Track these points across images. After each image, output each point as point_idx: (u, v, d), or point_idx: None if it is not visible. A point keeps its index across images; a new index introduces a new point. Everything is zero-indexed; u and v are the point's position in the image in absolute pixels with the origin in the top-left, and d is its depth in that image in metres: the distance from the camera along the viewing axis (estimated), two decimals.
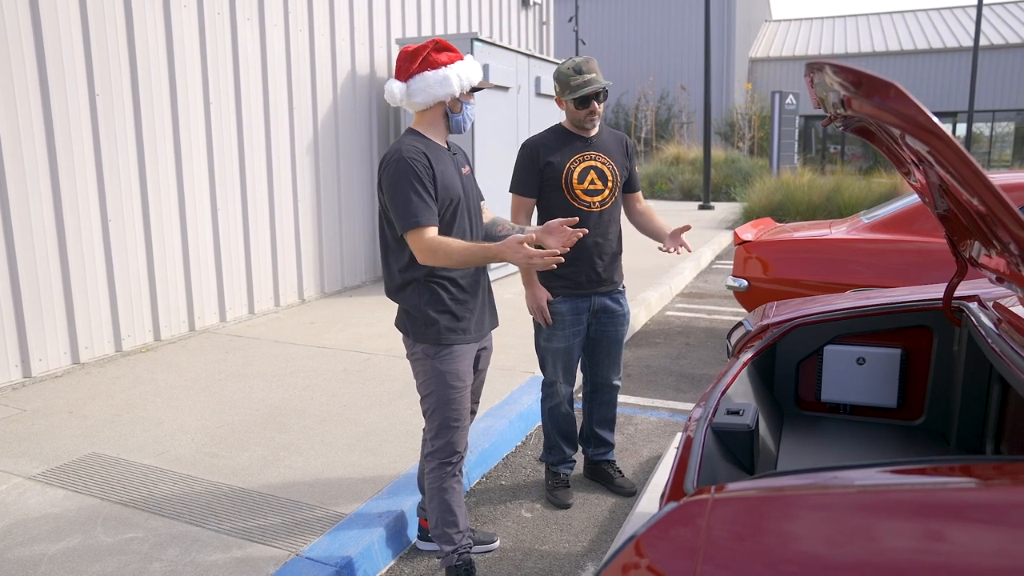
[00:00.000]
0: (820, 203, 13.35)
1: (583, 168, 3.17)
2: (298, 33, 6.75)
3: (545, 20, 11.55)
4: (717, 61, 29.34)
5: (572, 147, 3.19)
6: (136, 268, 5.46)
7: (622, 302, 3.37)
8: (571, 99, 3.08)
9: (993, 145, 29.55)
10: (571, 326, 3.27)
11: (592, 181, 3.18)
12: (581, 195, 3.17)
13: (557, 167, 3.16)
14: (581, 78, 3.05)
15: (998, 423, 2.38)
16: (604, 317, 3.33)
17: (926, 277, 4.75)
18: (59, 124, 4.86)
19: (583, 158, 3.18)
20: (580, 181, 3.16)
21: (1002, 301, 2.43)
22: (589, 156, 3.19)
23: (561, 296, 3.24)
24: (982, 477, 1.36)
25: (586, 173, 3.17)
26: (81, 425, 3.99)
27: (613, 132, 3.35)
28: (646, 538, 1.39)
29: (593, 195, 3.19)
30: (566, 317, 3.25)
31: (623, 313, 3.38)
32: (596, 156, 3.20)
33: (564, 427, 3.45)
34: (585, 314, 3.29)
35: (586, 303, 3.27)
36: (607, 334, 3.37)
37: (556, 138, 3.22)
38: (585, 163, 3.18)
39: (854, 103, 1.59)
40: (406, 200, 2.38)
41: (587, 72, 3.07)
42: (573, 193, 3.17)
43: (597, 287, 3.26)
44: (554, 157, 3.17)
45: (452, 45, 2.51)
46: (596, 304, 3.29)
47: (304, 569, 2.66)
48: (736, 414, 2.12)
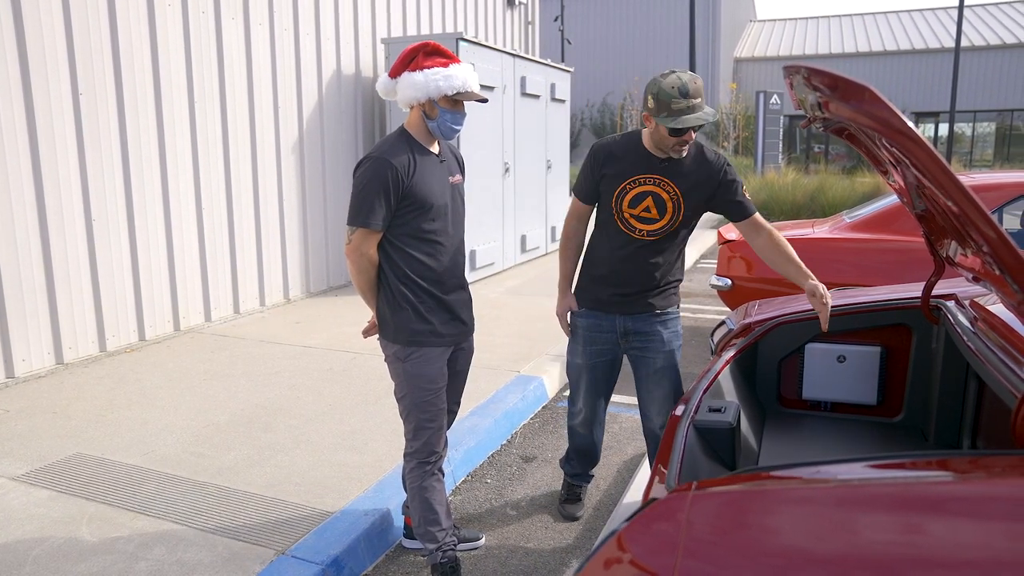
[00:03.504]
0: (804, 202, 13.44)
1: (639, 192, 2.74)
2: (283, 32, 6.74)
3: (531, 20, 11.56)
4: (702, 61, 29.46)
5: (639, 165, 2.75)
6: (120, 268, 5.43)
7: (659, 327, 2.90)
8: (666, 123, 2.55)
9: (975, 145, 29.82)
10: (591, 343, 2.98)
11: (647, 208, 2.75)
12: (631, 219, 2.77)
13: (612, 182, 2.78)
14: (686, 102, 2.53)
15: (974, 419, 2.42)
16: (636, 341, 2.93)
17: (906, 276, 4.80)
18: (42, 123, 4.83)
19: (645, 180, 2.74)
20: (632, 205, 2.76)
21: (979, 300, 2.48)
22: (653, 180, 2.74)
23: (584, 309, 2.99)
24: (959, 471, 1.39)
25: (642, 199, 2.74)
26: (65, 425, 3.97)
27: (706, 159, 2.77)
28: (627, 533, 1.41)
29: (645, 223, 2.77)
30: (586, 333, 2.99)
31: (661, 339, 2.90)
32: (662, 183, 2.73)
33: (581, 446, 3.25)
34: (610, 334, 2.94)
35: (609, 322, 2.92)
36: (642, 364, 2.95)
37: (627, 149, 2.79)
38: (645, 187, 2.74)
39: (831, 106, 1.62)
40: (368, 199, 2.43)
41: (694, 96, 2.54)
42: (622, 216, 2.78)
43: (624, 308, 2.89)
44: (614, 170, 2.78)
45: (447, 50, 2.50)
46: (622, 326, 2.92)
47: (290, 568, 2.66)
48: (718, 411, 2.15)
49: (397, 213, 2.49)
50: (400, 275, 2.54)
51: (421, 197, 2.49)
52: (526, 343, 5.52)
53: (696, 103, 2.55)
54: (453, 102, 2.49)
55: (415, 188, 2.47)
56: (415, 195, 2.47)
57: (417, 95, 2.47)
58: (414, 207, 2.49)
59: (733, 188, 2.78)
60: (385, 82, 2.57)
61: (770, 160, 19.70)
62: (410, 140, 2.52)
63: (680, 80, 2.53)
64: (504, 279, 8.12)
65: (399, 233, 2.51)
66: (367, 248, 2.50)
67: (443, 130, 2.52)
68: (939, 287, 2.84)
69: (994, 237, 1.46)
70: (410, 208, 2.49)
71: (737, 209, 2.80)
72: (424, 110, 2.51)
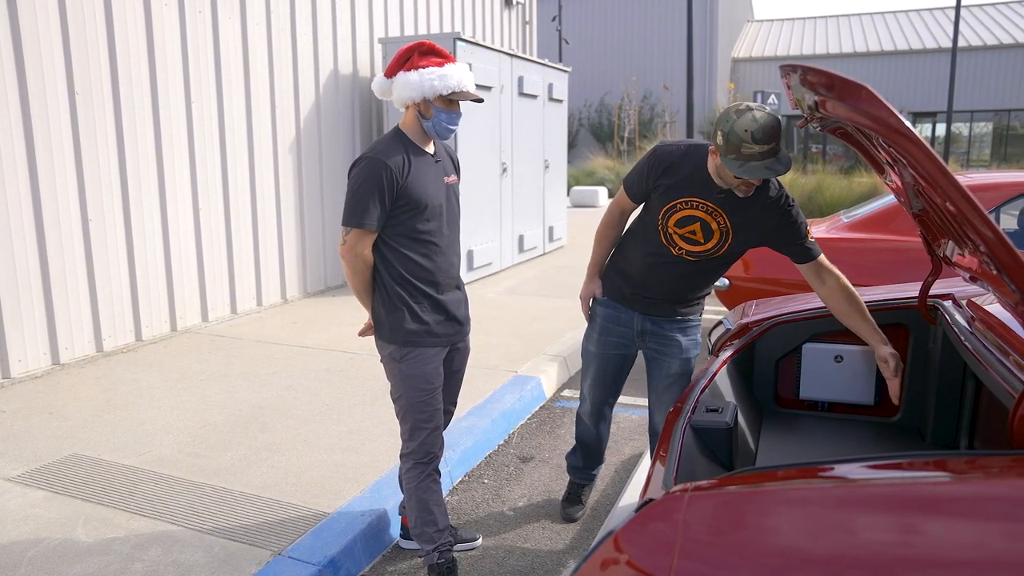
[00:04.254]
0: (801, 202, 13.47)
1: (689, 215, 2.60)
2: (280, 32, 6.73)
3: (528, 20, 11.56)
4: (700, 61, 29.47)
5: (696, 187, 2.59)
6: (117, 268, 5.42)
7: (678, 333, 2.85)
8: (731, 167, 2.34)
9: (972, 145, 29.87)
10: (607, 334, 2.93)
11: (693, 232, 2.62)
12: (675, 237, 2.66)
13: (664, 196, 2.64)
14: (758, 148, 2.29)
15: (972, 419, 2.42)
16: (653, 343, 2.89)
17: (903, 276, 4.80)
18: (38, 122, 4.82)
19: (698, 205, 2.58)
20: (679, 225, 2.63)
21: (976, 299, 2.47)
22: (706, 208, 2.58)
23: (606, 298, 2.94)
24: (956, 471, 1.38)
25: (690, 222, 2.61)
26: (61, 426, 3.96)
27: (767, 195, 2.56)
28: (624, 534, 1.41)
29: (688, 243, 2.65)
30: (603, 322, 2.95)
31: (679, 345, 2.85)
32: (715, 212, 2.57)
33: (584, 436, 3.22)
34: (627, 329, 2.90)
35: (628, 316, 2.88)
36: (656, 365, 2.91)
37: (690, 168, 2.61)
38: (695, 211, 2.60)
39: (828, 105, 1.62)
40: (363, 200, 2.43)
41: (766, 142, 2.28)
42: (666, 231, 2.66)
43: (646, 308, 2.83)
44: (673, 182, 2.62)
45: (442, 50, 2.50)
46: (640, 324, 2.87)
47: (286, 568, 2.65)
48: (715, 412, 2.15)
49: (392, 213, 2.48)
50: (395, 275, 2.54)
51: (416, 197, 2.48)
52: (523, 343, 5.52)
53: (769, 150, 2.29)
54: (448, 102, 2.49)
55: (410, 188, 2.47)
56: (410, 195, 2.47)
57: (412, 95, 2.47)
58: (409, 207, 2.48)
59: (795, 230, 2.58)
60: (381, 82, 2.57)
61: None
62: (405, 140, 2.52)
63: (756, 123, 2.28)
64: (502, 279, 8.12)
65: (394, 233, 2.51)
66: (362, 248, 2.49)
67: (438, 130, 2.51)
68: (936, 287, 2.84)
69: (991, 237, 1.46)
70: (405, 208, 2.48)
71: (799, 253, 2.61)
72: (419, 110, 2.51)
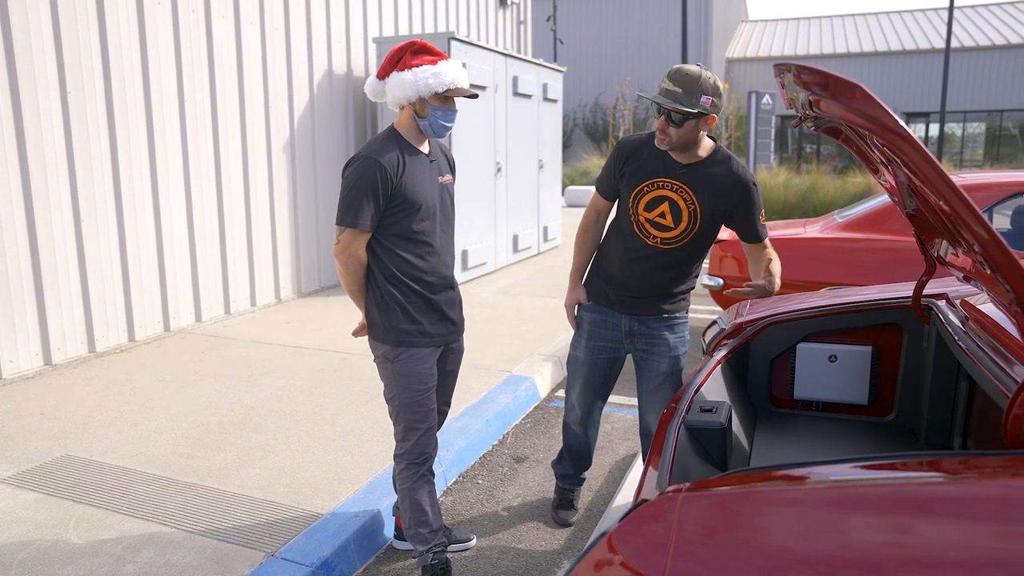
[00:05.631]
0: (796, 202, 13.48)
1: (656, 196, 2.68)
2: (274, 32, 6.71)
3: (523, 19, 11.55)
4: (694, 61, 29.45)
5: (658, 168, 2.69)
6: (110, 268, 5.39)
7: (666, 332, 2.87)
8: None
9: (965, 145, 29.98)
10: (594, 339, 2.94)
11: (662, 215, 2.68)
12: (645, 224, 2.71)
13: (631, 182, 2.73)
14: (665, 84, 2.53)
15: (965, 419, 2.42)
16: (641, 343, 2.90)
17: (897, 275, 4.81)
18: (29, 122, 4.79)
19: (663, 184, 2.67)
20: (648, 209, 2.69)
21: (970, 299, 2.48)
22: (671, 186, 2.66)
23: (591, 303, 2.95)
24: (949, 471, 1.38)
25: (658, 203, 2.68)
26: (53, 427, 3.94)
27: (728, 170, 2.68)
28: (618, 534, 1.40)
29: (660, 230, 2.70)
30: (590, 328, 2.95)
31: (668, 343, 2.87)
32: (680, 189, 2.66)
33: (573, 444, 3.21)
34: (615, 331, 2.91)
35: (615, 319, 2.89)
36: (648, 366, 2.91)
37: (651, 152, 2.71)
38: (662, 191, 2.67)
39: (822, 104, 1.61)
40: (357, 199, 2.42)
41: (674, 82, 2.50)
42: (637, 219, 2.73)
43: (631, 308, 2.85)
44: (635, 168, 2.72)
45: (434, 48, 2.49)
46: (627, 326, 2.88)
47: (280, 569, 2.64)
48: (709, 412, 2.14)
49: (386, 213, 2.48)
50: (389, 275, 2.53)
51: (410, 197, 2.47)
52: (518, 343, 5.51)
53: (669, 88, 2.50)
54: (444, 99, 2.48)
55: (404, 188, 2.46)
56: (404, 195, 2.46)
57: (407, 94, 2.46)
58: (403, 207, 2.47)
59: (752, 211, 2.71)
60: (373, 84, 2.56)
61: (762, 160, 19.74)
62: (399, 140, 2.51)
63: (675, 66, 2.53)
64: (496, 279, 8.11)
65: (388, 233, 2.50)
66: (356, 248, 2.48)
67: (435, 128, 2.50)
68: (930, 286, 2.84)
69: (985, 236, 1.46)
70: (399, 208, 2.47)
71: (750, 232, 2.76)
72: (415, 109, 2.50)
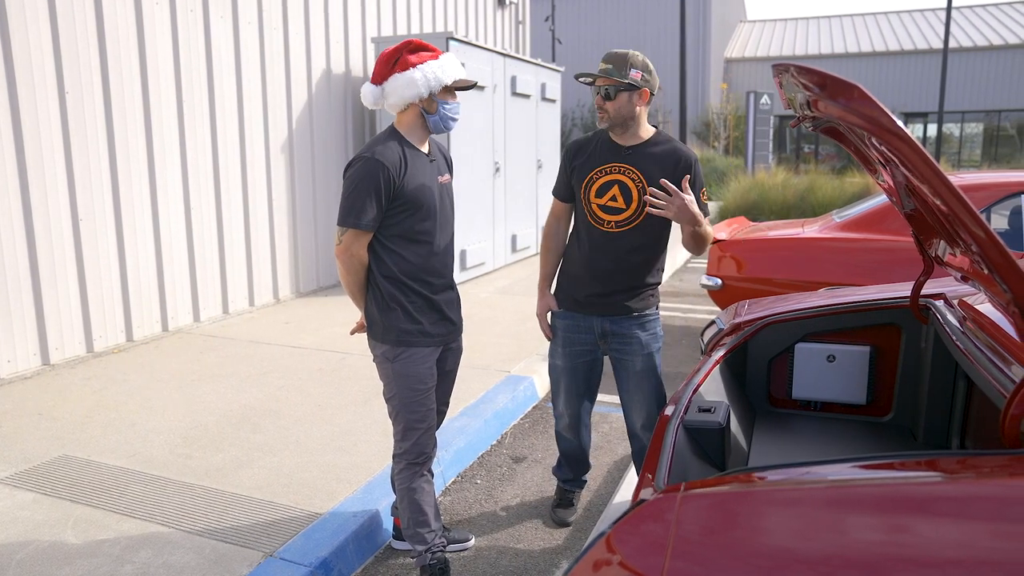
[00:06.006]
0: (794, 202, 13.49)
1: (606, 181, 2.77)
2: (272, 32, 6.70)
3: (521, 19, 11.55)
4: (692, 61, 29.50)
5: (605, 154, 2.80)
6: (108, 268, 5.39)
7: (637, 330, 2.88)
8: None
9: (963, 146, 30.01)
10: (570, 344, 2.97)
11: (613, 198, 2.76)
12: (597, 210, 2.79)
13: (580, 173, 2.83)
14: (599, 66, 2.72)
15: (963, 419, 2.42)
16: (615, 343, 2.92)
17: (895, 275, 4.81)
18: (27, 122, 4.79)
19: (611, 169, 2.77)
20: (599, 195, 2.78)
21: (967, 299, 2.48)
22: (619, 168, 2.76)
23: (563, 309, 2.98)
24: (947, 471, 1.39)
25: (608, 187, 2.77)
26: (51, 427, 3.93)
27: (671, 148, 2.79)
28: (616, 534, 1.40)
29: (611, 213, 2.77)
30: (564, 334, 2.98)
31: (640, 341, 2.88)
32: (627, 171, 2.75)
33: (568, 451, 3.23)
34: (588, 335, 2.94)
35: (588, 322, 2.92)
36: (621, 365, 2.94)
37: (596, 142, 2.85)
38: (610, 176, 2.77)
39: (820, 104, 1.61)
40: (359, 200, 2.41)
41: (606, 61, 2.69)
42: (590, 207, 2.81)
43: (601, 309, 2.88)
44: (581, 162, 2.84)
45: (428, 44, 2.49)
46: (600, 327, 2.91)
47: (278, 570, 2.64)
48: (708, 412, 2.15)
49: (388, 213, 2.47)
50: (389, 275, 2.52)
51: (412, 197, 2.47)
52: (516, 343, 5.51)
53: (601, 67, 2.69)
54: (448, 92, 2.50)
55: (406, 188, 2.45)
56: (406, 195, 2.46)
57: (418, 91, 2.44)
58: (405, 207, 2.47)
59: (694, 188, 2.73)
60: (371, 91, 2.52)
61: (760, 160, 19.76)
62: (401, 140, 2.51)
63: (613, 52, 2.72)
64: (494, 279, 8.11)
65: (389, 234, 2.50)
66: (357, 249, 2.48)
67: (445, 122, 2.52)
68: (928, 286, 2.84)
69: (983, 236, 1.46)
70: (401, 208, 2.47)
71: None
72: (423, 107, 2.49)
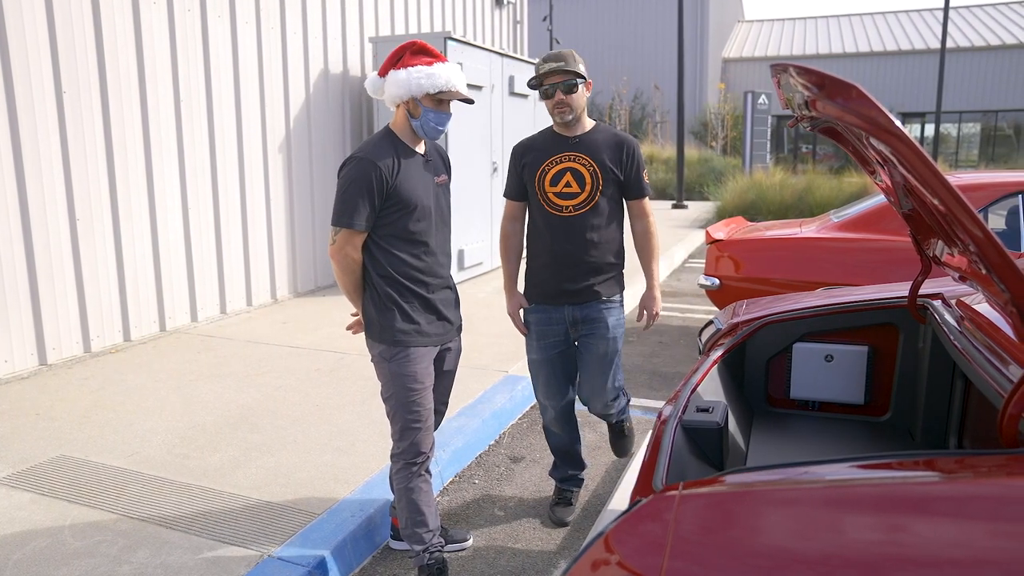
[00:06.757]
0: (792, 202, 13.50)
1: (559, 170, 2.96)
2: (270, 31, 6.70)
3: (519, 19, 11.55)
4: (690, 61, 29.52)
5: (553, 147, 2.99)
6: (105, 268, 5.38)
7: (605, 314, 3.05)
8: (537, 91, 2.93)
9: (960, 146, 30.05)
10: (544, 337, 3.08)
11: (568, 184, 2.95)
12: (553, 198, 2.96)
13: (532, 169, 3.00)
14: (545, 66, 2.86)
15: (961, 418, 2.42)
16: (584, 329, 3.06)
17: (893, 275, 4.82)
18: (24, 122, 4.78)
19: (562, 159, 2.96)
20: (553, 183, 2.96)
21: (965, 299, 2.48)
22: (569, 157, 2.96)
23: (534, 304, 3.09)
24: (945, 471, 1.38)
25: (561, 175, 2.96)
26: (48, 427, 3.93)
27: (613, 134, 3.04)
28: (615, 534, 1.40)
29: (567, 199, 2.95)
30: (537, 328, 3.09)
31: (606, 325, 3.04)
32: (577, 158, 2.96)
33: (558, 446, 3.28)
34: (560, 325, 3.06)
35: (559, 313, 3.05)
36: (588, 350, 3.08)
37: (542, 139, 3.04)
38: (562, 164, 2.96)
39: (818, 104, 1.61)
40: (352, 200, 2.43)
41: (552, 61, 2.86)
42: (546, 197, 2.98)
43: (571, 298, 3.02)
44: (532, 158, 3.01)
45: (433, 49, 2.50)
46: (570, 316, 3.04)
47: (276, 570, 2.64)
48: (706, 411, 2.15)
49: (381, 213, 2.48)
50: (385, 275, 2.53)
51: (405, 197, 2.47)
52: (514, 343, 5.51)
53: (552, 66, 2.85)
54: (437, 101, 2.48)
55: (399, 189, 2.46)
56: (399, 196, 2.46)
57: (401, 93, 2.46)
58: (398, 207, 2.48)
59: (637, 167, 3.02)
60: (374, 80, 2.58)
61: (758, 160, 19.78)
62: (395, 140, 2.51)
63: (549, 52, 2.96)
64: (492, 279, 8.11)
65: (384, 234, 2.50)
66: (351, 249, 2.48)
67: (426, 130, 2.50)
68: (926, 286, 2.84)
69: (981, 236, 1.46)
70: (394, 208, 2.47)
71: (638, 189, 3.04)
72: (408, 109, 2.50)
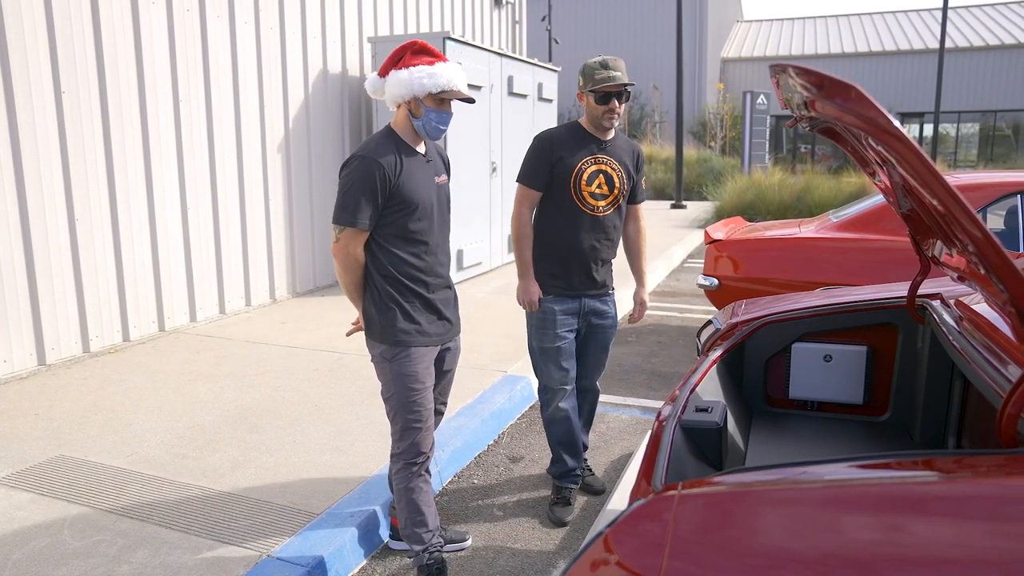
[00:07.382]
0: (790, 202, 13.50)
1: (593, 171, 3.11)
2: (269, 31, 6.69)
3: (518, 19, 11.55)
4: (689, 61, 29.52)
5: (586, 148, 3.12)
6: (104, 268, 5.38)
7: (611, 305, 3.33)
8: (591, 93, 3.02)
9: (959, 146, 30.05)
10: (562, 326, 3.21)
11: (600, 185, 3.12)
12: (588, 197, 3.12)
13: (568, 165, 3.09)
14: (606, 73, 2.99)
15: (960, 418, 2.42)
16: (594, 319, 3.29)
17: (892, 275, 4.82)
18: (23, 122, 4.77)
19: (595, 160, 3.12)
20: (588, 183, 3.11)
21: (964, 299, 2.48)
22: (601, 160, 3.13)
23: (553, 296, 3.20)
24: (943, 471, 1.38)
25: (595, 176, 3.11)
26: (47, 427, 3.92)
27: (627, 140, 3.28)
28: (614, 534, 1.40)
29: (598, 199, 3.13)
30: (557, 317, 3.20)
31: (612, 316, 3.34)
32: (607, 161, 3.14)
33: (564, 435, 3.32)
34: (575, 316, 3.24)
35: (576, 304, 3.22)
36: (596, 337, 3.33)
37: (571, 135, 3.14)
38: (596, 166, 3.12)
39: (817, 105, 1.61)
40: (355, 198, 2.43)
41: (613, 69, 3.01)
42: (580, 194, 3.11)
43: (588, 290, 3.22)
44: (567, 154, 3.10)
45: (434, 49, 2.50)
46: (586, 306, 3.24)
47: (275, 570, 2.64)
48: (705, 411, 2.15)
49: (383, 213, 2.48)
50: (386, 275, 2.53)
51: (407, 197, 2.48)
52: (513, 343, 5.51)
53: (616, 75, 3.00)
54: (439, 101, 2.48)
55: (401, 188, 2.46)
56: (401, 195, 2.47)
57: (402, 93, 2.46)
58: (400, 207, 2.48)
59: (641, 174, 3.31)
60: (374, 81, 2.58)
61: (757, 160, 19.78)
62: (396, 139, 2.51)
63: (603, 57, 3.05)
64: (491, 279, 8.11)
65: (385, 233, 2.50)
66: (354, 247, 2.48)
67: (428, 129, 2.51)
68: (925, 286, 2.85)
69: (980, 236, 1.46)
70: (396, 208, 2.48)
71: (637, 193, 3.32)
72: (409, 108, 2.51)
